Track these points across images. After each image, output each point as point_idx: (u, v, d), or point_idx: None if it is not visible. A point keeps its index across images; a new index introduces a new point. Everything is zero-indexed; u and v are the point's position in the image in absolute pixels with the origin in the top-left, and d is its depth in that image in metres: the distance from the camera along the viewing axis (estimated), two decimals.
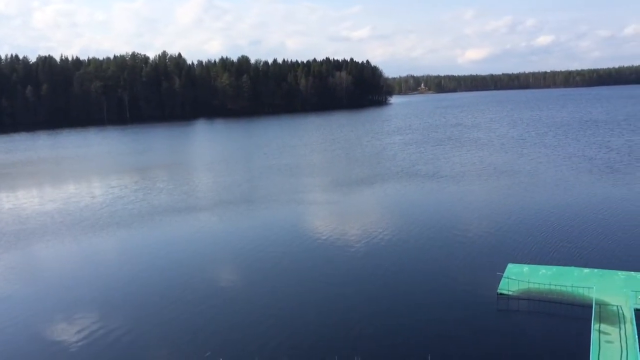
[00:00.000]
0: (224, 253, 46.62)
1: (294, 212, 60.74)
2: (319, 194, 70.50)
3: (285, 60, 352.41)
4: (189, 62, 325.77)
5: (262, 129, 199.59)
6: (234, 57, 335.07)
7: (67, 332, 31.51)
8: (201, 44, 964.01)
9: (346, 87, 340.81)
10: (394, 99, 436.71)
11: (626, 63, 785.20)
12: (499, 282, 35.22)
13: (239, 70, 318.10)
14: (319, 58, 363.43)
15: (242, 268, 42.71)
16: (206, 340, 29.86)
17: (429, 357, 26.02)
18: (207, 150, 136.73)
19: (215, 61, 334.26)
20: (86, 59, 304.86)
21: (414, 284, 37.12)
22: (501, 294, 34.15)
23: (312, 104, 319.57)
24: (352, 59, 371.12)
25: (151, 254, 46.77)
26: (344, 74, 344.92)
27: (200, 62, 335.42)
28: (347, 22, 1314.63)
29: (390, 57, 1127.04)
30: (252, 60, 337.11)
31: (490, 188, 68.49)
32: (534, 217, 52.48)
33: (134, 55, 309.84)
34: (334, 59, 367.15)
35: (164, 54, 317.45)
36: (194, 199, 69.77)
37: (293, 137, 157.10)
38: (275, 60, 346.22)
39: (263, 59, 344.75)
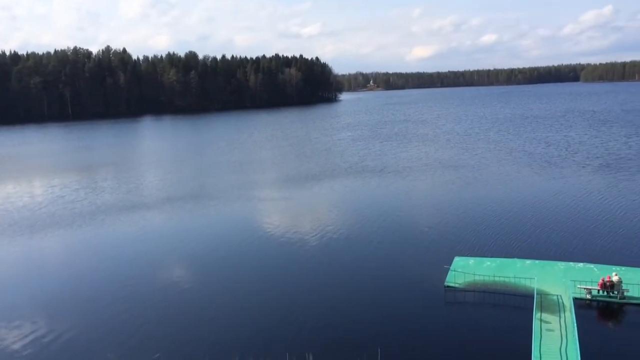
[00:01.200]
0: (171, 252, 45.54)
1: (243, 209, 60.14)
2: (269, 191, 70.11)
3: (234, 56, 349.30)
4: (134, 57, 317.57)
5: (211, 125, 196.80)
6: (182, 53, 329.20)
7: (8, 337, 30.03)
8: (147, 39, 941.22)
9: (296, 84, 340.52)
10: (344, 96, 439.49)
11: (564, 61, 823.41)
12: (446, 275, 35.97)
13: (187, 66, 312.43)
14: (269, 54, 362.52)
15: (190, 267, 41.88)
16: (154, 342, 29.10)
17: (379, 351, 26.22)
18: (154, 148, 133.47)
19: (161, 57, 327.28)
20: (25, 53, 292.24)
21: (364, 279, 37.38)
22: (448, 286, 34.89)
23: (261, 100, 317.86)
24: (301, 56, 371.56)
25: (94, 255, 45.17)
26: (293, 70, 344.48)
27: (146, 58, 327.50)
28: (298, 19, 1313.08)
29: (340, 54, 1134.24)
30: (200, 56, 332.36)
31: (437, 183, 69.89)
32: (478, 211, 53.87)
33: (75, 50, 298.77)
34: (283, 55, 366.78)
35: (108, 48, 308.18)
36: (139, 197, 67.99)
37: (243, 133, 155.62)
38: (224, 56, 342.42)
39: (211, 55, 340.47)
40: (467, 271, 36.24)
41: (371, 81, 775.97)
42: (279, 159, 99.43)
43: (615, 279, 31.99)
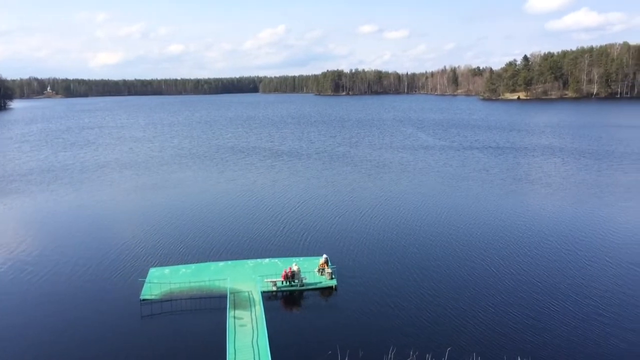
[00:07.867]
0: None
1: None
2: None
3: None
4: None
5: None
6: None
7: None
8: None
9: None
10: (16, 104, 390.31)
11: (246, 74, 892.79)
12: (142, 288, 35.04)
13: None
14: None
15: None
16: None
17: None
18: None
19: None
20: None
21: (56, 304, 33.69)
22: (144, 299, 34.03)
23: None
24: None
25: None
26: None
27: None
28: None
29: (10, 57, 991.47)
30: None
31: (120, 192, 67.42)
32: (170, 219, 53.97)
33: None
34: None
35: None
36: None
37: None
38: None
39: None
40: (163, 281, 36.00)
41: (48, 87, 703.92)
42: None
43: (295, 269, 35.98)
